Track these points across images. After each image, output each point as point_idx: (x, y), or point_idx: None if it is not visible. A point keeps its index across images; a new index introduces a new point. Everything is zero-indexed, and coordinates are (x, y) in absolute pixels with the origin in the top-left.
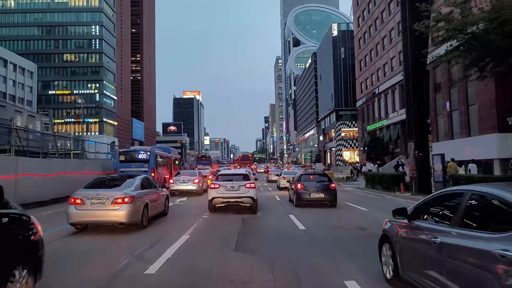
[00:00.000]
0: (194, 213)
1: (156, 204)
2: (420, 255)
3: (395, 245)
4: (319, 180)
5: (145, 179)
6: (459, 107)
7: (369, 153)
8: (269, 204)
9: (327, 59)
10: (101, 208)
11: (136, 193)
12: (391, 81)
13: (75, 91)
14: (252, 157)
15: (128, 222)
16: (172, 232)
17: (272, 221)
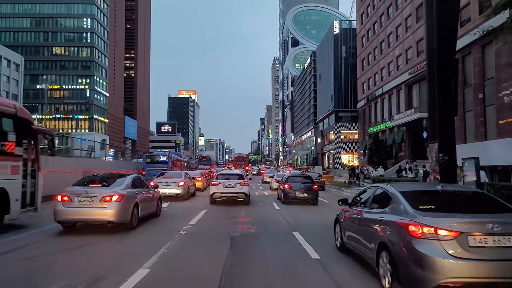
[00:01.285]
0: (169, 226)
1: (147, 204)
2: (352, 227)
3: (341, 224)
4: (303, 182)
5: (137, 179)
6: (497, 102)
7: (371, 157)
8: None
9: (328, 58)
10: (89, 206)
11: (126, 192)
12: (397, 81)
13: (64, 86)
14: (247, 159)
15: (116, 221)
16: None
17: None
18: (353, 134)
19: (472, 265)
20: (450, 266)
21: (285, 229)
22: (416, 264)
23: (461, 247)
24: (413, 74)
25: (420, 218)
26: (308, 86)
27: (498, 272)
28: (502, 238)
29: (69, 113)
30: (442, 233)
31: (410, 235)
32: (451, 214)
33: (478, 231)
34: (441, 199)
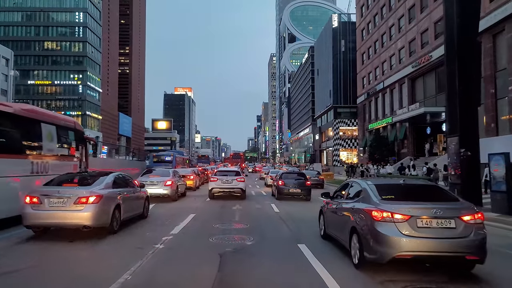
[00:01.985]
0: (147, 237)
1: (132, 205)
2: (332, 217)
3: (324, 215)
4: (297, 178)
5: (120, 177)
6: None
7: (372, 154)
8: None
9: (326, 53)
10: (62, 208)
11: (106, 192)
12: (399, 75)
13: (56, 81)
14: (243, 156)
15: (93, 225)
16: None
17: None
18: (352, 131)
19: (419, 242)
20: (402, 242)
21: (287, 238)
22: (377, 242)
23: (411, 228)
24: (417, 67)
25: (381, 206)
26: (306, 82)
27: (439, 247)
28: (444, 220)
29: (61, 110)
30: (397, 216)
31: (373, 219)
32: (406, 202)
33: (425, 215)
34: (401, 191)
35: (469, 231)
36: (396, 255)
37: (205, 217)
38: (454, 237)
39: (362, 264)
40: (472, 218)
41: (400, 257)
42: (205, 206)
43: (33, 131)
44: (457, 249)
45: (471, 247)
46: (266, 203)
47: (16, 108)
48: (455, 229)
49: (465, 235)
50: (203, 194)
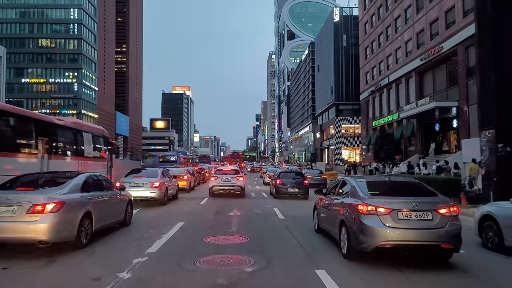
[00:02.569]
0: (113, 257)
1: (108, 211)
2: (324, 212)
3: (318, 210)
4: (294, 178)
5: (93, 178)
6: None
7: (377, 152)
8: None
9: (327, 48)
10: (11, 219)
11: (70, 197)
12: (406, 68)
13: (50, 79)
14: (242, 155)
15: (52, 240)
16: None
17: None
18: (354, 129)
19: (400, 232)
20: (385, 233)
21: (300, 260)
22: (362, 233)
23: (393, 220)
24: (426, 59)
25: (367, 200)
26: (306, 79)
27: (417, 237)
28: (422, 213)
29: (56, 108)
30: (381, 210)
31: (359, 212)
32: (389, 197)
33: (405, 208)
34: (386, 187)
35: (445, 223)
36: (379, 244)
37: (195, 226)
38: (431, 228)
39: (349, 253)
40: (447, 211)
41: (383, 246)
42: (198, 211)
43: (77, 138)
44: (434, 239)
45: (446, 237)
46: (267, 207)
47: (67, 121)
48: (432, 220)
49: (441, 226)
50: (197, 196)
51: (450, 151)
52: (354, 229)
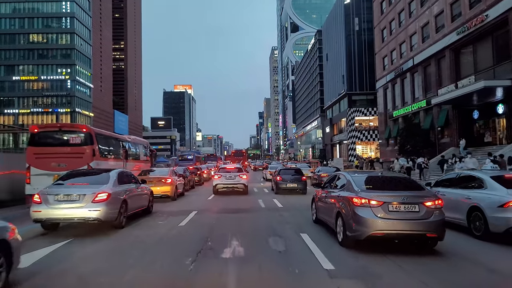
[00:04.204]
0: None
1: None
2: (321, 204)
3: (316, 202)
4: (293, 174)
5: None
6: None
7: (402, 145)
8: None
9: (337, 34)
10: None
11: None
12: (436, 47)
13: (42, 76)
14: (246, 153)
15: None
16: None
17: None
18: (368, 121)
19: (390, 222)
20: (376, 223)
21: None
22: (356, 223)
23: (384, 211)
24: (465, 32)
25: (361, 194)
26: (313, 71)
27: (405, 227)
28: (410, 205)
29: (49, 107)
30: (373, 202)
31: (354, 205)
32: (381, 191)
33: (395, 201)
34: (379, 182)
35: (430, 214)
36: (371, 233)
37: None
38: (418, 219)
39: (345, 241)
40: (433, 204)
41: (375, 235)
42: (174, 243)
43: (137, 148)
44: (420, 228)
45: (431, 227)
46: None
47: (132, 138)
48: (419, 212)
49: (427, 217)
50: (184, 208)
51: (494, 142)
52: (349, 219)
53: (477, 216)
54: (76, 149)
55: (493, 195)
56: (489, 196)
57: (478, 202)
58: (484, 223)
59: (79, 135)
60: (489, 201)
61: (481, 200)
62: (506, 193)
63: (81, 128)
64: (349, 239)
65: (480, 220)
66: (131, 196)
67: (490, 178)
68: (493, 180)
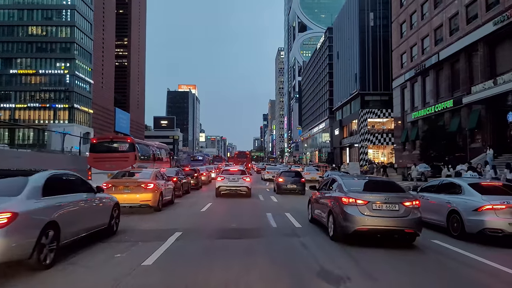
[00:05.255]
0: None
1: None
2: (317, 204)
3: (312, 202)
4: (293, 176)
5: None
6: None
7: (424, 150)
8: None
9: (350, 31)
10: None
11: None
12: (466, 40)
13: (41, 70)
14: (250, 155)
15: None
16: None
17: None
18: (380, 124)
19: (373, 219)
20: (362, 219)
21: None
22: (345, 220)
23: (368, 210)
24: (504, 22)
25: (349, 194)
26: (321, 70)
27: (386, 223)
28: (391, 205)
29: (46, 102)
30: (359, 202)
31: (342, 203)
32: (367, 192)
33: (378, 201)
34: (365, 184)
35: (408, 213)
36: (357, 228)
37: None
38: (397, 216)
39: (335, 235)
40: (411, 204)
41: (360, 230)
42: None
43: (161, 152)
44: (399, 225)
45: (409, 223)
46: None
47: (159, 144)
48: (398, 211)
49: (405, 215)
50: (166, 225)
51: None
52: (338, 216)
53: (455, 218)
54: (123, 155)
55: (469, 200)
56: (466, 201)
57: (456, 206)
58: (461, 225)
59: (125, 144)
60: (465, 205)
61: (459, 204)
62: (481, 199)
63: (127, 139)
64: (338, 234)
65: (458, 222)
66: (69, 214)
67: (467, 185)
68: (470, 187)
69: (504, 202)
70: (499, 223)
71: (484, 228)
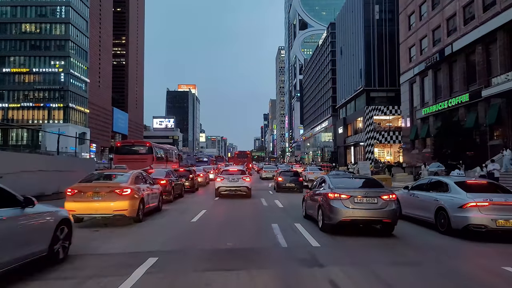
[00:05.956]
0: None
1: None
2: (309, 201)
3: (305, 200)
4: (291, 176)
5: None
6: None
7: (439, 147)
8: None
9: (354, 25)
10: None
11: None
12: (483, 29)
13: (34, 69)
14: (250, 155)
15: None
16: None
17: None
18: (385, 122)
19: (355, 211)
20: (345, 211)
21: None
22: (331, 212)
23: (351, 203)
24: None
25: (335, 190)
26: (324, 67)
27: (366, 214)
28: (370, 198)
29: (41, 101)
30: (343, 196)
31: (329, 198)
32: (350, 188)
33: (359, 195)
34: (349, 182)
35: (385, 205)
36: (341, 219)
37: None
38: (376, 208)
39: (323, 226)
40: (388, 197)
41: (344, 221)
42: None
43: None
44: (377, 215)
45: (386, 214)
46: None
47: (168, 146)
48: (377, 203)
49: (383, 207)
50: (140, 246)
51: None
52: (326, 209)
53: (442, 215)
54: (142, 156)
55: (455, 198)
56: (452, 198)
57: (443, 203)
58: (448, 221)
59: (144, 148)
60: (451, 202)
61: (445, 202)
62: (466, 196)
63: (146, 143)
64: (326, 225)
65: (445, 218)
66: None
67: (454, 183)
68: (456, 185)
69: (487, 199)
70: (482, 219)
71: (468, 224)
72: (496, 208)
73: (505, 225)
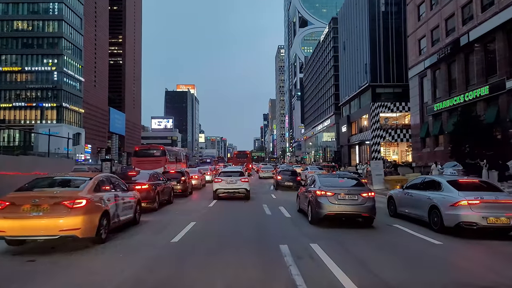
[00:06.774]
0: None
1: None
2: (301, 197)
3: (299, 196)
4: (290, 175)
5: None
6: None
7: (457, 144)
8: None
9: (358, 18)
10: None
11: None
12: (504, 15)
13: (26, 67)
14: (250, 155)
15: None
16: None
17: None
18: (392, 119)
19: (339, 206)
20: (330, 206)
21: None
22: (318, 207)
23: (335, 199)
24: None
25: (322, 188)
26: (326, 64)
27: (348, 209)
28: (352, 195)
29: (33, 101)
30: (328, 193)
31: (317, 195)
32: (335, 186)
33: (342, 192)
34: (334, 180)
35: (365, 201)
36: (327, 213)
37: None
38: (356, 204)
39: (312, 219)
40: (367, 194)
41: (329, 215)
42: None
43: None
44: (358, 210)
45: (365, 209)
46: None
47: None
48: (357, 200)
49: (363, 203)
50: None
51: None
52: (314, 205)
53: (435, 213)
54: (157, 159)
55: (447, 196)
56: (444, 197)
57: (436, 202)
58: (440, 219)
59: (158, 151)
60: (444, 201)
61: (438, 200)
62: (457, 195)
63: (160, 147)
64: (314, 218)
65: (437, 216)
66: None
67: (446, 182)
68: (448, 183)
69: (478, 198)
70: (473, 217)
71: (460, 221)
72: (487, 206)
73: (496, 222)
